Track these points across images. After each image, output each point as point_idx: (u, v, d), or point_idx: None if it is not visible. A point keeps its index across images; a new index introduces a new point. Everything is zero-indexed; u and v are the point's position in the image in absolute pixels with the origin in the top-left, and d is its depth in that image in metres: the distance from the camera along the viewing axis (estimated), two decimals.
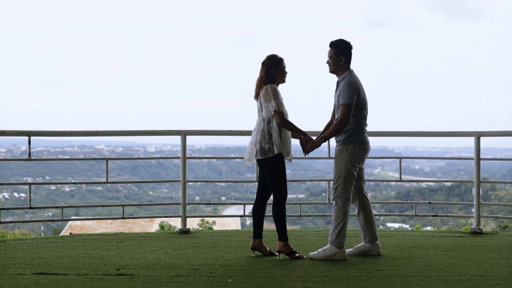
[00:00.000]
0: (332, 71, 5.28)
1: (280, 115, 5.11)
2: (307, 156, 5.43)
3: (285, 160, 5.23)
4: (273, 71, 5.22)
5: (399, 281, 4.39)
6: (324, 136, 5.25)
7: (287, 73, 5.30)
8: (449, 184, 43.67)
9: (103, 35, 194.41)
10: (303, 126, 5.35)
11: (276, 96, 5.12)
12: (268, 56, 5.29)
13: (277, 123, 5.13)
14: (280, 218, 5.21)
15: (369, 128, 5.34)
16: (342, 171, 5.18)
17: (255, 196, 5.41)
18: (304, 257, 5.22)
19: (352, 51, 5.26)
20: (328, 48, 5.25)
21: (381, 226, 34.17)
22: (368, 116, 5.30)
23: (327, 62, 5.27)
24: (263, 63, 5.26)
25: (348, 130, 5.15)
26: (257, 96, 5.26)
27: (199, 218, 8.96)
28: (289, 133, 5.23)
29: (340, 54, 5.20)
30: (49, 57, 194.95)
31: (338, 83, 5.28)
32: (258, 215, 5.38)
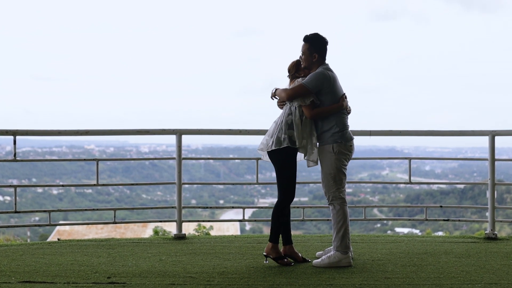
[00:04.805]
0: (304, 67, 5.27)
1: None
2: None
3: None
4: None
5: None
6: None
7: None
8: (461, 186, 43.55)
9: (94, 29, 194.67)
10: None
11: None
12: None
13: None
14: (277, 218, 5.18)
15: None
16: (331, 171, 5.18)
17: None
18: (292, 263, 5.17)
19: (328, 46, 5.22)
20: (302, 43, 5.24)
21: (389, 231, 34.22)
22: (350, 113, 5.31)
23: (300, 57, 5.28)
24: None
25: (332, 128, 5.14)
26: None
27: (196, 223, 8.97)
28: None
29: (313, 51, 5.20)
30: (36, 51, 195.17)
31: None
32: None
